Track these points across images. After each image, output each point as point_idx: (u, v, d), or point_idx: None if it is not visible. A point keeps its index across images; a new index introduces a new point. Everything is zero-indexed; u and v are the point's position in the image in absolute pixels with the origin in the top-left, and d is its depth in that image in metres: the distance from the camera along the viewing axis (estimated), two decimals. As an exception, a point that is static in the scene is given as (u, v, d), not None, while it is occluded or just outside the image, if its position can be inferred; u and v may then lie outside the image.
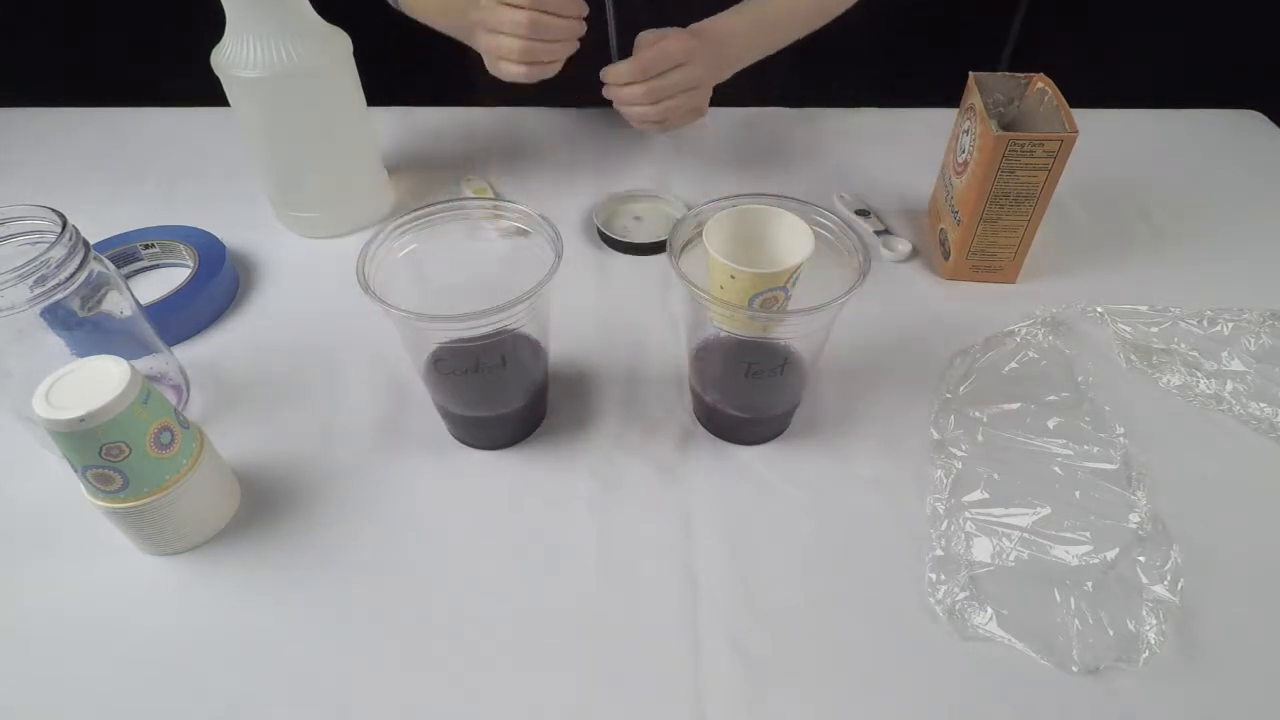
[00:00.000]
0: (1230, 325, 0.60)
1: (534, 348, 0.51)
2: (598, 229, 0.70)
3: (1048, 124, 0.60)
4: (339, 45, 0.64)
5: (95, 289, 0.48)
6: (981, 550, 0.47)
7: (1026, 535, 0.47)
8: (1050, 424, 0.54)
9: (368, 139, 0.71)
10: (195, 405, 0.56)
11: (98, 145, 0.83)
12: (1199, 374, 0.57)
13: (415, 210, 0.49)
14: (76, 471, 0.42)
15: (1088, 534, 0.47)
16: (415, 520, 0.49)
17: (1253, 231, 0.71)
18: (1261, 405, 0.55)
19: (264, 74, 0.60)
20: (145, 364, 0.52)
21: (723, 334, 0.50)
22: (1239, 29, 1.37)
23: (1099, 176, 0.76)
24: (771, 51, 0.78)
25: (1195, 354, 0.59)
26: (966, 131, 0.63)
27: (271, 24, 0.60)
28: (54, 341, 0.47)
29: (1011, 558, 0.46)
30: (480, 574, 0.46)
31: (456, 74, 0.92)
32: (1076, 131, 0.57)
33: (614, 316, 0.63)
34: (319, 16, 0.63)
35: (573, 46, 0.65)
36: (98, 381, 0.40)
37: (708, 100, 0.72)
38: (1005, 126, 0.63)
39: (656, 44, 0.67)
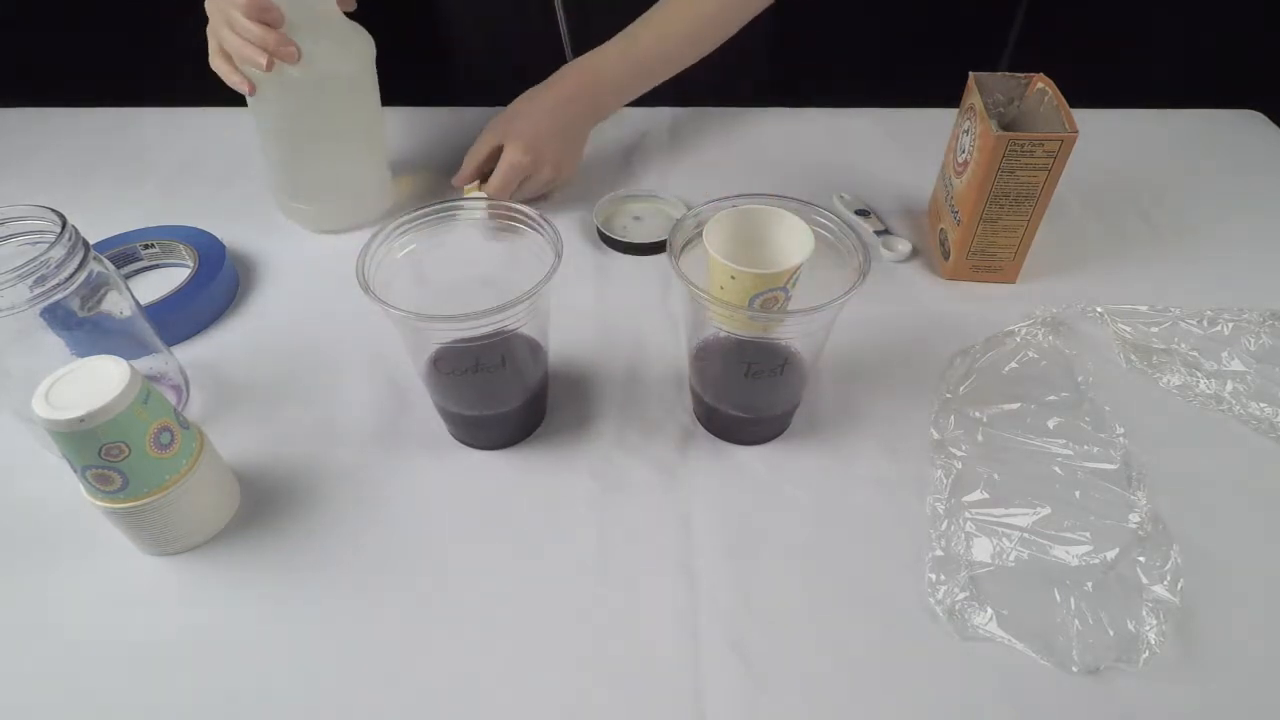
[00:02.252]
0: (1230, 325, 0.60)
1: (534, 348, 0.51)
2: (597, 229, 0.70)
3: (1048, 124, 0.60)
4: (363, 45, 0.64)
5: (95, 289, 0.48)
6: (981, 550, 0.47)
7: (1026, 535, 0.47)
8: (1050, 424, 0.54)
9: (381, 137, 0.71)
10: (195, 405, 0.56)
11: (98, 145, 0.83)
12: (1199, 374, 0.57)
13: (415, 210, 0.49)
14: (76, 471, 0.42)
15: (1088, 534, 0.47)
16: (415, 520, 0.49)
17: (1253, 231, 0.71)
18: (1261, 405, 0.55)
19: (287, 72, 0.60)
20: (145, 364, 0.52)
21: (723, 334, 0.50)
22: (1239, 29, 1.37)
23: (1099, 176, 0.76)
24: (646, 90, 0.74)
25: (1195, 354, 0.59)
26: (966, 131, 0.63)
27: (296, 22, 0.59)
28: (54, 341, 0.47)
29: (1011, 558, 0.46)
30: (480, 574, 0.46)
31: (457, 74, 0.92)
32: (1076, 131, 0.57)
33: (614, 316, 0.63)
34: (344, 15, 0.62)
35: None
36: (98, 381, 0.40)
37: (568, 169, 0.73)
38: (1005, 126, 0.63)
39: (501, 166, 0.67)
